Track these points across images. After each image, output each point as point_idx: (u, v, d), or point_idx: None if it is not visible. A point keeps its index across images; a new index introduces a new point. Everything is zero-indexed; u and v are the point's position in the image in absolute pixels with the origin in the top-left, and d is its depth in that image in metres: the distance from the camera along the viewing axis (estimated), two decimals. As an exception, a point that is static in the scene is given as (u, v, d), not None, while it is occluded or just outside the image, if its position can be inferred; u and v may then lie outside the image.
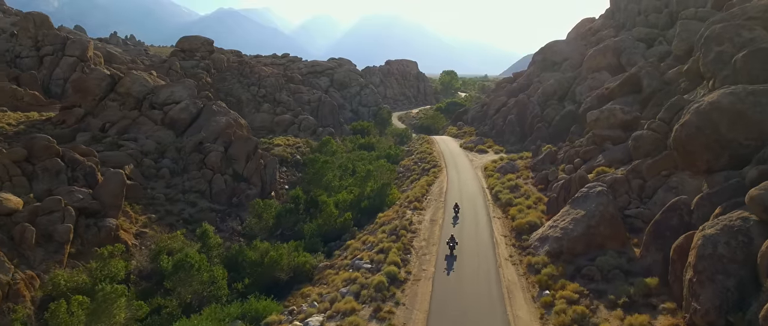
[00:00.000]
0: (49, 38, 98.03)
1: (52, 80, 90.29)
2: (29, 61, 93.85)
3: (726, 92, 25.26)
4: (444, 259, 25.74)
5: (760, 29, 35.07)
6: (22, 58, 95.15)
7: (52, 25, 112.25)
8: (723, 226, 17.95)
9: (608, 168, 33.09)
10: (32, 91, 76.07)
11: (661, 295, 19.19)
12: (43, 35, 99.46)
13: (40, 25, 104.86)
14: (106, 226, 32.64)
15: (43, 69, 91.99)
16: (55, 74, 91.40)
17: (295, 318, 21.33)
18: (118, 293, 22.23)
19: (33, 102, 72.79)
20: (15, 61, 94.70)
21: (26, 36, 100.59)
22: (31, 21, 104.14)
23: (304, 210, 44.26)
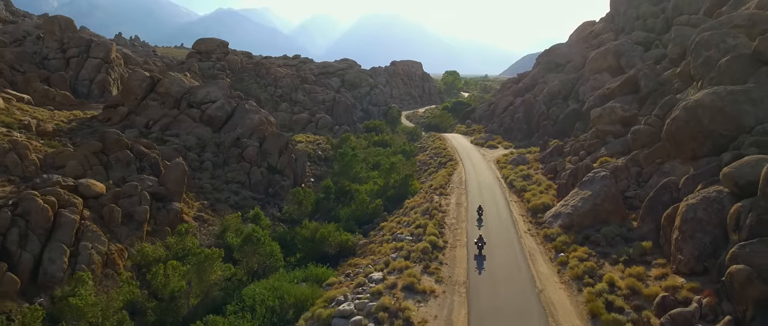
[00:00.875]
0: (75, 41, 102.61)
1: (79, 81, 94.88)
2: (56, 63, 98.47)
3: (709, 92, 30.20)
4: (474, 234, 30.61)
5: (743, 37, 39.97)
6: (50, 60, 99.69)
7: (76, 28, 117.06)
8: (702, 197, 22.86)
9: (610, 158, 37.98)
10: (63, 91, 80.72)
11: (653, 254, 24.06)
12: (68, 38, 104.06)
13: (65, 28, 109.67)
14: (173, 209, 37.50)
15: (70, 70, 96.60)
16: (80, 75, 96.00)
17: (356, 277, 26.17)
18: (215, 255, 27.09)
19: (64, 101, 77.41)
20: (43, 63, 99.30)
21: (52, 38, 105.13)
22: (57, 24, 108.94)
23: (335, 198, 49.15)
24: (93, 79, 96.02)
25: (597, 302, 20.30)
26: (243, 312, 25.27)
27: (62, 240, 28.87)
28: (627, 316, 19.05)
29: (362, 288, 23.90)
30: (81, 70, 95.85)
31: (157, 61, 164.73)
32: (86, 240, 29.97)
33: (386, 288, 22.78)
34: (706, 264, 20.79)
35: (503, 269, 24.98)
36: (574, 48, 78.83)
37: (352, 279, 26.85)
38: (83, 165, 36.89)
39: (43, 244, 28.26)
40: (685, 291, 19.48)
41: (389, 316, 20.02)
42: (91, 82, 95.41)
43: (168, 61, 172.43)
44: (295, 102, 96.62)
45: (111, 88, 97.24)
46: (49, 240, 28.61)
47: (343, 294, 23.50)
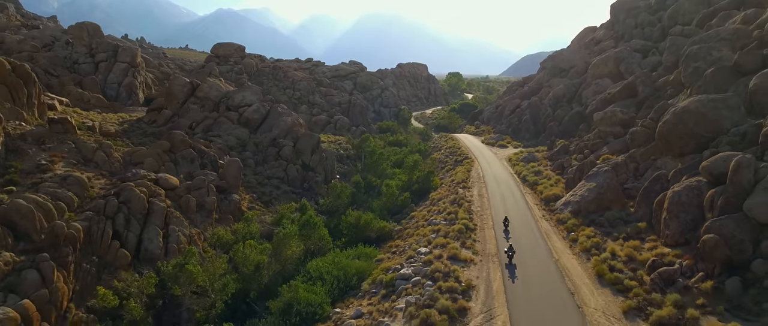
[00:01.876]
0: (102, 46, 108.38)
1: (107, 84, 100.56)
2: (86, 67, 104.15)
3: (694, 99, 36.07)
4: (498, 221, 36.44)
5: (727, 50, 45.85)
6: (80, 64, 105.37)
7: (102, 34, 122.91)
8: (685, 185, 28.70)
9: (611, 156, 43.80)
10: (96, 94, 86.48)
11: (647, 232, 29.89)
12: (96, 43, 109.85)
13: (93, 33, 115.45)
14: (232, 200, 43.36)
15: (99, 74, 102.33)
16: (109, 78, 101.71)
17: (405, 252, 32.00)
18: (292, 234, 32.90)
19: (98, 104, 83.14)
20: (73, 67, 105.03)
21: (81, 44, 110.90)
22: (85, 30, 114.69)
23: (365, 192, 54.99)
24: (121, 82, 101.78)
25: (602, 266, 26.14)
26: (312, 281, 31.09)
27: (156, 223, 34.71)
28: (625, 275, 24.90)
29: (413, 259, 29.76)
30: (109, 74, 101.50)
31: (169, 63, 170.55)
32: (173, 224, 35.82)
33: (434, 257, 28.64)
34: (687, 237, 26.64)
35: (525, 244, 30.81)
36: (577, 54, 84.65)
37: (400, 254, 32.72)
38: (157, 162, 42.71)
39: (142, 227, 34.10)
40: (670, 257, 25.33)
41: (442, 276, 25.86)
42: (119, 85, 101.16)
43: (179, 63, 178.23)
44: (313, 104, 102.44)
45: (137, 90, 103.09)
46: (146, 224, 34.44)
47: (398, 264, 29.37)
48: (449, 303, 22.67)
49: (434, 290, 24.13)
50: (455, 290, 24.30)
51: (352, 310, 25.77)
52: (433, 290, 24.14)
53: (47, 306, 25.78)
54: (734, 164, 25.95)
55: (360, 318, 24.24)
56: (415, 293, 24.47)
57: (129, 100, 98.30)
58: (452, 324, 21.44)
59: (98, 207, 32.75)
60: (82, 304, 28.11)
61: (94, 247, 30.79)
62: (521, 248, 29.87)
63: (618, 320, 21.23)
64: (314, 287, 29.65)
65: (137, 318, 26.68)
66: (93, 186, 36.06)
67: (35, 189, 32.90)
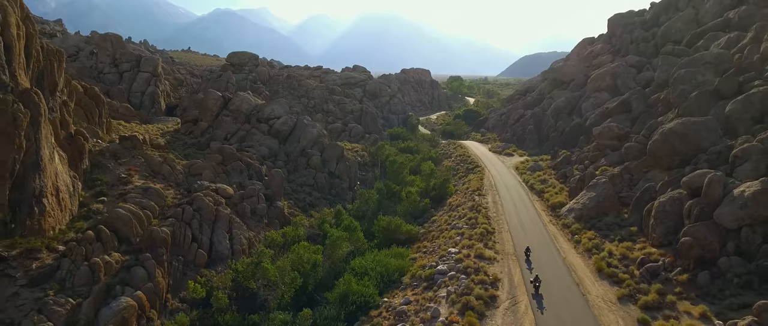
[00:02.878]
0: (126, 56, 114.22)
1: (132, 93, 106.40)
2: (111, 77, 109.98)
3: (679, 122, 42.41)
4: (512, 225, 42.64)
5: (710, 74, 52.25)
6: (105, 74, 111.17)
7: (124, 45, 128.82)
8: (669, 196, 34.97)
9: (608, 167, 50.09)
10: (124, 104, 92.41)
11: (638, 235, 36.14)
12: (120, 54, 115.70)
13: (117, 44, 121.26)
14: (277, 207, 49.47)
15: (123, 83, 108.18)
16: (133, 87, 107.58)
17: (436, 251, 38.20)
18: (343, 238, 39.05)
19: (127, 113, 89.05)
20: (99, 77, 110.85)
21: (105, 54, 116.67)
22: (109, 41, 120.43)
23: (387, 197, 61.14)
24: (144, 91, 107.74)
25: (601, 263, 32.40)
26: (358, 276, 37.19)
27: (223, 228, 40.85)
28: (619, 270, 31.16)
29: (445, 258, 35.97)
30: (133, 83, 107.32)
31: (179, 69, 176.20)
32: (235, 228, 41.96)
33: (464, 256, 34.84)
34: (669, 239, 32.90)
35: (537, 246, 37.03)
36: (576, 68, 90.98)
37: (431, 254, 38.93)
38: (213, 173, 48.82)
39: (211, 231, 40.22)
40: (655, 255, 31.60)
41: (473, 271, 32.07)
42: (142, 94, 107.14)
43: (189, 68, 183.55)
44: (328, 112, 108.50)
45: (159, 98, 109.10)
46: (215, 229, 40.57)
47: (433, 262, 35.59)
48: (482, 291, 28.92)
49: (468, 282, 30.34)
50: (485, 282, 30.52)
51: (400, 299, 31.95)
52: (468, 282, 30.36)
53: (153, 296, 31.93)
54: (708, 180, 32.27)
55: (409, 305, 30.42)
56: (453, 284, 30.70)
57: (152, 108, 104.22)
58: (486, 308, 27.66)
59: (177, 214, 38.86)
60: (176, 296, 34.24)
61: (178, 248, 36.90)
62: (534, 249, 36.12)
63: (614, 304, 27.48)
64: (363, 281, 35.80)
65: (224, 306, 32.79)
66: (166, 196, 42.14)
67: (123, 200, 39.00)
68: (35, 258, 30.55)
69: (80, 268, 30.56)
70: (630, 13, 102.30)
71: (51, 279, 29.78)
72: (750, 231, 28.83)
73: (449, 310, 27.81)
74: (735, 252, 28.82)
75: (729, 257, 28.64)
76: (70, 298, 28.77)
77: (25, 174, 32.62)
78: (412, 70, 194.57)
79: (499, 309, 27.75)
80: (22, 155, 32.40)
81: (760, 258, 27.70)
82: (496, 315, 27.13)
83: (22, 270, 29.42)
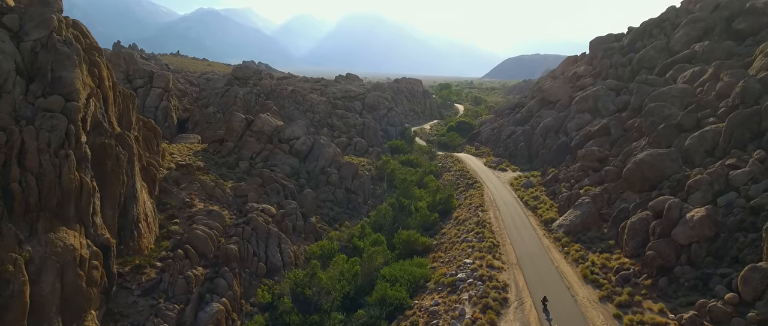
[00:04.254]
0: (139, 72, 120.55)
1: (145, 108, 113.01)
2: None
3: (647, 153, 51.73)
4: (513, 238, 51.42)
5: (675, 107, 61.81)
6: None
7: (136, 61, 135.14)
8: (639, 217, 44.12)
9: (591, 187, 59.27)
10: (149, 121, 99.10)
11: (614, 248, 45.17)
12: (133, 70, 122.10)
13: (130, 61, 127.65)
14: (310, 223, 57.63)
15: (137, 99, 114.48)
16: (146, 103, 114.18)
17: (454, 262, 46.77)
18: (379, 251, 47.41)
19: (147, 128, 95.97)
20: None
21: (119, 70, 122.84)
22: (122, 57, 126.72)
23: (399, 211, 69.63)
24: (157, 107, 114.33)
25: (586, 270, 41.35)
26: (390, 283, 45.58)
27: (274, 243, 48.95)
28: (600, 276, 40.13)
29: (462, 267, 44.61)
30: (147, 99, 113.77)
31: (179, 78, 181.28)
32: (283, 243, 50.08)
33: (478, 266, 43.54)
34: (638, 252, 42.00)
35: (533, 257, 45.93)
36: (562, 89, 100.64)
37: (448, 263, 47.56)
38: (257, 195, 56.77)
39: (266, 246, 48.29)
40: (628, 264, 40.64)
41: (487, 278, 40.76)
42: (156, 109, 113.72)
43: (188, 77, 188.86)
44: (333, 127, 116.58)
45: (172, 113, 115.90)
46: (268, 244, 48.64)
47: (452, 270, 44.22)
48: (496, 294, 37.63)
49: (485, 287, 39.04)
50: (497, 287, 39.23)
51: (430, 301, 40.49)
52: (484, 287, 39.06)
53: (233, 302, 40.00)
54: (667, 205, 41.49)
55: (438, 306, 38.97)
56: (473, 289, 39.35)
57: (165, 122, 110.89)
58: (501, 307, 36.36)
59: (239, 232, 46.87)
60: (247, 301, 42.31)
61: (244, 262, 44.92)
62: (532, 258, 45.01)
63: (596, 303, 36.39)
64: (395, 287, 44.25)
65: (288, 309, 40.97)
66: (224, 216, 50.05)
67: (193, 221, 46.87)
68: (142, 273, 38.40)
69: (178, 280, 38.48)
70: (609, 37, 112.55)
71: (157, 290, 37.67)
72: (697, 246, 38.01)
73: (473, 310, 36.43)
74: (686, 262, 37.95)
75: (682, 266, 37.76)
76: (175, 304, 36.73)
77: (126, 204, 40.44)
78: (405, 79, 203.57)
79: (510, 308, 36.49)
80: (124, 189, 40.19)
81: (704, 268, 36.85)
82: (508, 312, 35.87)
83: (135, 283, 37.28)
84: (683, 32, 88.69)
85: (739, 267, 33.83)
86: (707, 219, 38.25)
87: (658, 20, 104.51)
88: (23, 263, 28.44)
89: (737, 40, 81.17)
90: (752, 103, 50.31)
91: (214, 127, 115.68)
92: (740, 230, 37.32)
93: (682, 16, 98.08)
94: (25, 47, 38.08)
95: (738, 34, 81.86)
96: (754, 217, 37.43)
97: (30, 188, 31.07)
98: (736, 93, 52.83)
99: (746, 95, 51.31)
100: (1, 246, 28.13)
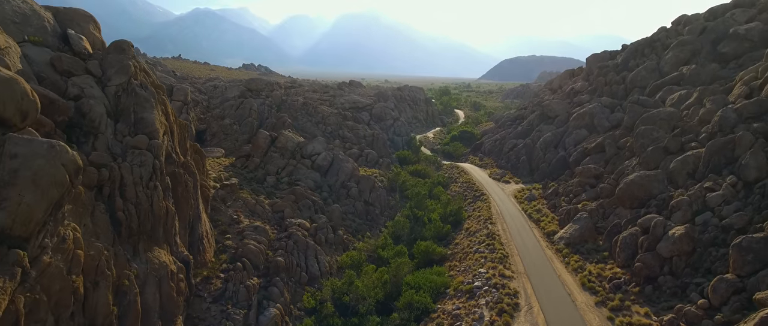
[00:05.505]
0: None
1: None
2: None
3: (637, 174, 59.06)
4: (520, 250, 58.56)
5: (663, 131, 69.21)
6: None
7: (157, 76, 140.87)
8: (629, 232, 51.41)
9: (588, 202, 66.54)
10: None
11: (609, 259, 52.45)
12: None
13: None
14: (339, 235, 64.66)
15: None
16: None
17: (470, 270, 53.87)
18: (405, 262, 54.45)
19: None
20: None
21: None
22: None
23: (414, 222, 76.74)
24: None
25: (584, 279, 48.57)
26: (414, 289, 52.63)
27: (312, 255, 55.93)
28: (596, 284, 47.37)
29: (477, 276, 51.75)
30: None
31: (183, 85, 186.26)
32: (319, 254, 57.08)
33: (491, 275, 50.68)
34: (629, 263, 49.31)
35: (539, 266, 53.13)
36: (560, 105, 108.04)
37: (464, 272, 54.68)
38: (292, 210, 63.75)
39: (305, 257, 55.28)
40: (619, 274, 47.91)
41: (501, 286, 47.91)
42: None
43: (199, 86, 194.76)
44: (344, 138, 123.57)
45: (192, 126, 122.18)
46: (307, 256, 55.63)
47: (469, 279, 51.35)
48: (509, 300, 44.79)
49: (499, 294, 46.20)
50: (510, 294, 46.40)
51: (451, 306, 47.58)
52: (498, 294, 46.22)
53: (285, 307, 46.99)
54: (653, 223, 48.80)
55: (459, 310, 46.09)
56: (489, 296, 46.49)
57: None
58: (514, 310, 43.53)
59: (283, 246, 53.86)
60: (295, 306, 49.30)
61: (289, 272, 51.89)
62: (538, 268, 52.23)
63: (593, 307, 43.59)
64: (420, 293, 51.32)
65: (330, 313, 47.99)
66: (267, 231, 56.99)
67: (243, 237, 53.78)
68: (210, 283, 45.33)
69: (240, 289, 45.43)
70: (605, 55, 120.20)
71: (223, 297, 44.62)
72: (678, 259, 45.30)
73: (490, 313, 43.59)
74: (668, 273, 45.24)
75: (665, 276, 45.05)
76: (240, 310, 43.70)
77: (194, 224, 47.37)
78: (407, 87, 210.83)
79: (521, 312, 43.66)
80: (192, 211, 47.12)
81: (683, 277, 44.14)
82: (520, 316, 43.05)
83: (206, 292, 44.22)
84: (672, 54, 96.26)
85: (711, 277, 41.13)
86: (686, 236, 45.57)
87: (649, 40, 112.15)
88: (134, 278, 35.37)
89: (722, 63, 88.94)
90: (728, 131, 57.71)
91: (232, 138, 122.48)
92: (713, 245, 44.67)
93: (672, 38, 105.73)
94: (109, 91, 44.93)
95: (722, 56, 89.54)
96: (725, 235, 44.76)
97: (131, 216, 37.95)
98: (714, 121, 60.24)
99: (723, 124, 58.70)
100: (117, 264, 35.02)
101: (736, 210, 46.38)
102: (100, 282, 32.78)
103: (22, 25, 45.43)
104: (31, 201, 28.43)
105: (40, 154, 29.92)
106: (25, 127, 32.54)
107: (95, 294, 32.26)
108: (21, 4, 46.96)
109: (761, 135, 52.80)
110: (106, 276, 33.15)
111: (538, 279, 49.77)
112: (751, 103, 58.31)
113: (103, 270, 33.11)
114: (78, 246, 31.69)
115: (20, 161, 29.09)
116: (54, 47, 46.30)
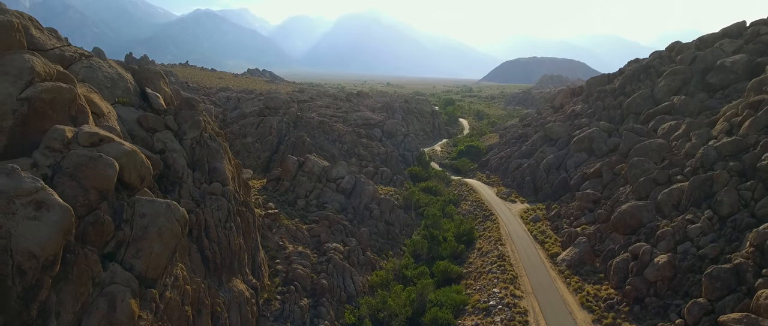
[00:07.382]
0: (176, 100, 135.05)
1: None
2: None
3: (629, 204, 67.90)
4: (528, 271, 67.33)
5: (653, 162, 78.06)
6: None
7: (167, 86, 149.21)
8: (621, 257, 60.25)
9: (587, 226, 75.35)
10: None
11: (604, 280, 61.23)
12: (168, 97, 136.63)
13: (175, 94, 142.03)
14: (367, 256, 73.55)
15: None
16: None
17: (485, 289, 62.75)
18: (429, 282, 63.30)
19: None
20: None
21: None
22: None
23: (430, 241, 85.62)
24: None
25: (583, 299, 57.40)
26: (437, 306, 61.42)
27: (348, 276, 64.78)
28: (593, 303, 56.21)
29: (492, 295, 60.59)
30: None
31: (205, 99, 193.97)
32: (353, 275, 65.95)
33: (504, 295, 59.52)
34: (621, 285, 58.14)
35: (544, 287, 61.95)
36: (561, 127, 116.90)
37: (479, 291, 63.58)
38: (327, 235, 72.61)
39: (343, 278, 64.13)
40: (613, 295, 56.76)
41: (512, 305, 56.75)
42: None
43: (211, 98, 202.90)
44: (360, 156, 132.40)
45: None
46: (343, 276, 64.47)
47: (485, 297, 60.22)
48: (520, 318, 53.64)
49: (511, 312, 55.06)
50: (520, 312, 55.24)
51: (470, 322, 56.42)
52: (511, 312, 55.08)
53: (332, 324, 55.85)
54: (641, 251, 57.67)
55: (478, 325, 54.96)
56: (502, 313, 55.32)
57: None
58: (525, 328, 52.47)
59: (324, 269, 62.70)
60: (338, 322, 58.17)
61: (331, 293, 60.74)
62: (543, 288, 61.08)
63: (590, 324, 52.42)
64: (442, 310, 60.13)
65: (369, 328, 56.91)
66: (309, 256, 65.84)
67: (290, 261, 62.64)
68: (271, 304, 54.21)
69: (294, 309, 54.32)
70: (603, 79, 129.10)
71: (282, 317, 53.49)
72: (661, 283, 54.15)
73: (505, 329, 52.53)
74: (654, 295, 54.06)
75: (650, 297, 53.87)
76: (297, 327, 52.57)
77: (254, 253, 56.25)
78: (415, 99, 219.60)
79: (531, 328, 52.60)
80: (253, 243, 55.99)
81: (665, 299, 52.96)
82: (530, 331, 51.99)
83: (268, 312, 53.09)
84: (665, 83, 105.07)
85: (688, 300, 49.96)
86: (668, 263, 54.44)
87: (644, 66, 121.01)
88: (222, 304, 44.24)
89: (709, 93, 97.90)
90: (709, 167, 66.54)
91: (254, 156, 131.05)
92: (691, 272, 53.51)
93: (666, 65, 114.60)
94: (186, 144, 53.79)
95: (710, 87, 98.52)
96: (701, 263, 53.59)
97: (215, 253, 46.81)
98: (698, 157, 69.07)
99: (705, 160, 67.52)
100: (210, 294, 43.89)
101: (712, 241, 55.20)
102: (202, 310, 41.65)
103: (113, 89, 54.31)
104: (158, 250, 37.26)
105: (161, 212, 38.69)
106: (143, 188, 41.44)
107: (199, 319, 41.13)
108: (108, 69, 55.93)
109: (736, 173, 61.64)
110: (205, 305, 42.02)
111: (544, 299, 58.62)
112: (729, 142, 67.05)
113: (203, 299, 41.98)
114: (186, 282, 40.58)
115: (148, 219, 37.89)
116: (136, 105, 55.25)
